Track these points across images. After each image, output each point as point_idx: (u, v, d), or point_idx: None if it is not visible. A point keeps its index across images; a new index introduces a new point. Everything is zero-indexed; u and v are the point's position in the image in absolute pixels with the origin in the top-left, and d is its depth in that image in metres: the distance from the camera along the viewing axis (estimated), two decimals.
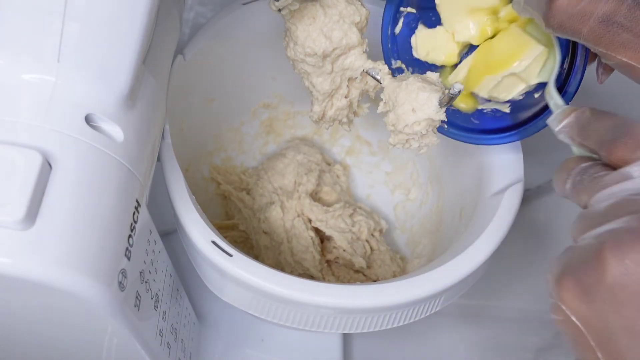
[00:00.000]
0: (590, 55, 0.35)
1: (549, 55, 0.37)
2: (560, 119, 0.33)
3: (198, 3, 0.64)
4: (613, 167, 0.30)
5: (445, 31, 0.41)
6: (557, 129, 0.33)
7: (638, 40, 0.30)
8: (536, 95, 0.39)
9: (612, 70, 0.35)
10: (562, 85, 0.36)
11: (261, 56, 0.49)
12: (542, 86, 0.38)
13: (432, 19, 0.41)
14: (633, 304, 0.26)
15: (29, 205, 0.24)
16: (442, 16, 0.41)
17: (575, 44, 0.36)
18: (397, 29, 0.43)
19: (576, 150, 0.32)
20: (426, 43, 0.42)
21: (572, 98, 0.36)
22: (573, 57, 0.36)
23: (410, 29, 0.42)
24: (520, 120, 0.39)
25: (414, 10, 0.42)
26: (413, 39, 0.42)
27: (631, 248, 0.26)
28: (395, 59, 0.43)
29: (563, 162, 0.32)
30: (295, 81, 0.42)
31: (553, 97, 0.34)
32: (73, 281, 0.25)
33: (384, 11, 0.42)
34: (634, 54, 0.31)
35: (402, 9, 0.42)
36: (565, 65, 0.36)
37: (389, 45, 0.43)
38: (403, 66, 0.43)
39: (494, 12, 0.39)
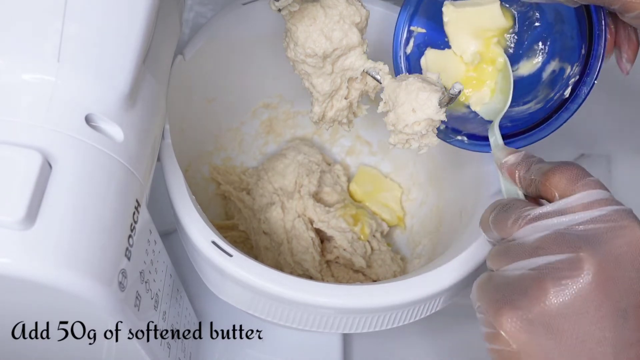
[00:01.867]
0: (608, 47, 0.36)
1: (495, 98, 0.40)
2: (502, 155, 0.35)
3: (198, 3, 0.64)
4: (537, 204, 0.32)
5: (454, 53, 0.41)
6: (502, 161, 0.35)
7: None
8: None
9: (634, 56, 0.36)
10: (582, 72, 0.36)
11: (261, 56, 0.49)
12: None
13: (442, 41, 0.42)
14: (573, 333, 0.27)
15: (29, 205, 0.24)
16: (450, 37, 0.41)
17: (592, 32, 0.36)
18: (409, 49, 0.43)
19: (505, 188, 0.35)
20: (436, 65, 0.42)
21: (591, 86, 0.36)
22: (590, 44, 0.36)
23: (420, 51, 0.43)
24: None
25: (423, 30, 0.42)
26: (423, 60, 0.42)
27: (571, 281, 0.27)
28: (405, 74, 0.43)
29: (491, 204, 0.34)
30: (295, 81, 0.42)
31: (495, 135, 0.37)
32: (73, 281, 0.25)
33: (395, 31, 0.42)
34: None
35: (412, 28, 0.42)
36: (583, 52, 0.37)
37: (401, 66, 0.43)
38: None
39: (501, 33, 0.40)
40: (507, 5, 0.40)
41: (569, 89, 0.37)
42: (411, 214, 0.53)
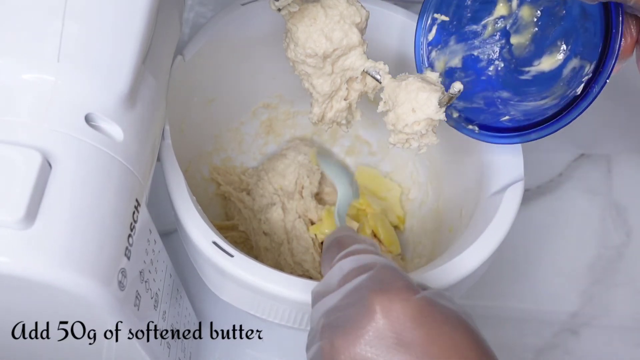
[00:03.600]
0: (626, 47, 0.35)
1: None
2: None
3: (198, 3, 0.64)
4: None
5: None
6: None
7: None
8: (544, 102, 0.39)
9: None
10: (595, 70, 0.36)
11: (261, 56, 0.49)
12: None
13: (465, 30, 0.41)
14: None
15: (28, 204, 0.24)
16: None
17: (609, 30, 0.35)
18: (430, 36, 0.42)
19: None
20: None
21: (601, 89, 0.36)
22: (607, 42, 0.35)
23: (442, 39, 0.42)
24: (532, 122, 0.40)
25: (447, 18, 0.42)
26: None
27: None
28: (426, 67, 0.43)
29: None
30: (295, 81, 0.42)
31: None
32: (73, 280, 0.25)
33: (419, 17, 0.42)
34: None
35: (436, 15, 0.42)
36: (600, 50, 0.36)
37: (422, 53, 0.42)
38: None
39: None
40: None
41: (582, 86, 0.37)
42: (411, 214, 0.53)
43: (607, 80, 0.35)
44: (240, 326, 0.48)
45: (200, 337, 0.46)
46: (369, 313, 0.26)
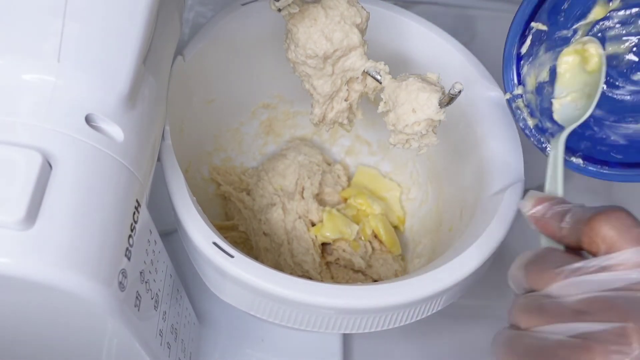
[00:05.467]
0: None
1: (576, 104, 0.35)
2: (529, 203, 0.31)
3: (198, 3, 0.64)
4: (579, 257, 0.27)
5: None
6: (528, 214, 0.31)
7: None
8: None
9: None
10: None
11: (261, 56, 0.49)
12: None
13: (555, 37, 0.37)
14: None
15: (29, 205, 0.24)
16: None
17: None
18: (524, 49, 0.38)
19: (544, 241, 0.31)
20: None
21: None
22: None
23: (533, 50, 0.37)
24: None
25: (545, 28, 0.37)
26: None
27: (620, 357, 0.24)
28: (517, 85, 0.39)
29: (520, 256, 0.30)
30: (295, 81, 0.42)
31: (557, 151, 0.33)
32: (73, 281, 0.25)
33: (511, 27, 0.38)
34: None
35: (533, 24, 0.37)
36: None
37: (513, 67, 0.38)
38: (527, 95, 0.38)
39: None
40: None
41: None
42: (411, 214, 0.53)
43: None
44: (240, 326, 0.48)
45: (200, 337, 0.46)
46: None
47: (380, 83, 0.38)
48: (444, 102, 0.35)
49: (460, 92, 0.34)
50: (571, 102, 0.36)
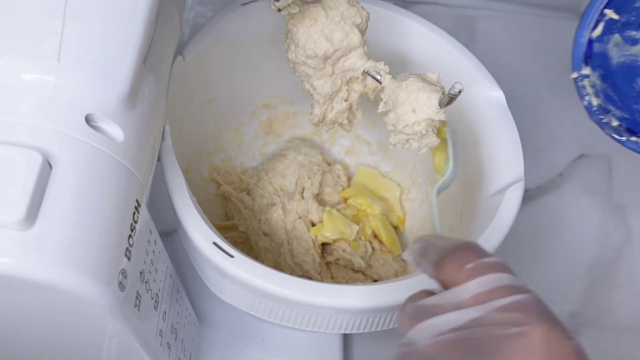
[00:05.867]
0: None
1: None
2: (409, 250, 0.30)
3: (198, 3, 0.64)
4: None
5: None
6: (407, 256, 0.30)
7: None
8: None
9: None
10: None
11: (261, 56, 0.49)
12: None
13: (624, 35, 0.38)
14: None
15: (29, 205, 0.24)
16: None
17: None
18: (596, 33, 0.39)
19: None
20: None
21: None
22: None
23: (604, 38, 0.39)
24: None
25: (617, 17, 0.38)
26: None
27: None
28: (585, 66, 0.40)
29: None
30: (295, 81, 0.42)
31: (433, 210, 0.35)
32: (73, 281, 0.25)
33: (585, 11, 0.38)
34: None
35: (606, 10, 0.38)
36: None
37: (581, 49, 0.39)
38: (592, 77, 0.39)
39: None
40: None
41: None
42: (411, 214, 0.53)
43: None
44: (240, 326, 0.48)
45: (200, 337, 0.46)
46: (527, 341, 0.23)
47: (380, 83, 0.38)
48: (444, 102, 0.35)
49: (460, 92, 0.34)
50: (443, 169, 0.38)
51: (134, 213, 0.30)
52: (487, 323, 0.24)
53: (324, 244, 0.50)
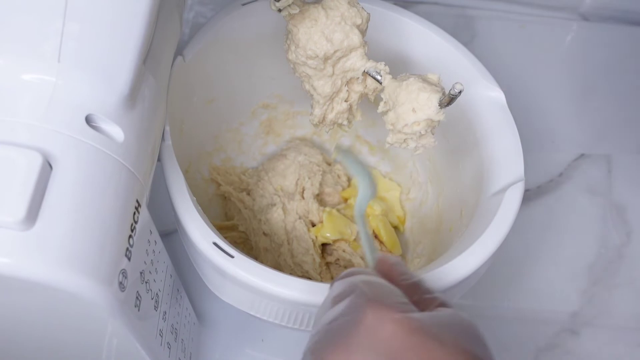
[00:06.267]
0: None
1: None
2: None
3: (198, 3, 0.64)
4: None
5: None
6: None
7: None
8: None
9: None
10: None
11: (261, 57, 0.49)
12: None
13: None
14: None
15: (29, 205, 0.24)
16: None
17: None
18: None
19: None
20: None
21: None
22: None
23: None
24: None
25: None
26: None
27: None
28: None
29: None
30: (295, 81, 0.42)
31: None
32: (73, 281, 0.25)
33: None
34: None
35: None
36: None
37: None
38: None
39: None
40: None
41: None
42: (411, 214, 0.53)
43: None
44: (240, 326, 0.48)
45: (200, 337, 0.46)
46: (358, 324, 0.26)
47: (381, 83, 0.38)
48: (444, 103, 0.35)
49: (460, 92, 0.34)
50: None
51: (134, 213, 0.30)
52: (337, 319, 0.27)
53: (324, 245, 0.50)
